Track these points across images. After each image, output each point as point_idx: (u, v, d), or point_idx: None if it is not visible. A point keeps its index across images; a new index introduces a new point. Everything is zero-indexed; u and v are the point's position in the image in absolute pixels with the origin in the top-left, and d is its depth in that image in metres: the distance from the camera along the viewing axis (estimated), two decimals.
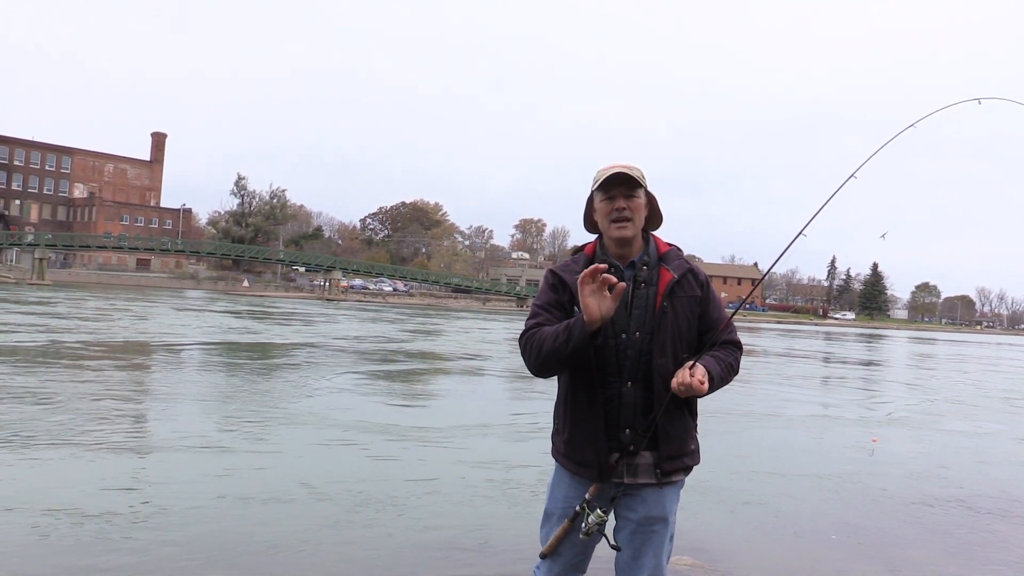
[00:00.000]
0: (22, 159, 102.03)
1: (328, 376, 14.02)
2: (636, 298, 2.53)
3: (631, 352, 2.50)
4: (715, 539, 5.48)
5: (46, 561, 4.38)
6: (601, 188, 2.57)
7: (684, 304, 2.55)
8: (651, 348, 2.49)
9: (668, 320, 2.51)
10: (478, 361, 19.87)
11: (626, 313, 2.51)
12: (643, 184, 2.58)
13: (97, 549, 4.59)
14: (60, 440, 7.44)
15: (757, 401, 13.64)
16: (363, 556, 4.76)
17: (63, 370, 12.70)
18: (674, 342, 2.52)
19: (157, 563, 4.43)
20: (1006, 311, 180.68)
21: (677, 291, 2.54)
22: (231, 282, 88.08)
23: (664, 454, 2.53)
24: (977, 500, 7.15)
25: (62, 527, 4.95)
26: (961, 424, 12.75)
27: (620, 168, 2.54)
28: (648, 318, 2.51)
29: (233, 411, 9.74)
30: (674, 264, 2.59)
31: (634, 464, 2.53)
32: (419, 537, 5.17)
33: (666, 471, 2.54)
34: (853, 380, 21.71)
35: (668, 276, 2.55)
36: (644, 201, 2.59)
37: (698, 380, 2.38)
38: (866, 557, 5.28)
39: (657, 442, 2.52)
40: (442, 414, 10.89)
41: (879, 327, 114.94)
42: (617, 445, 2.53)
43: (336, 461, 7.43)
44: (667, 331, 2.50)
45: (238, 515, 5.46)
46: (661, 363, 2.49)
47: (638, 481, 2.54)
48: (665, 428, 2.52)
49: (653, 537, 2.55)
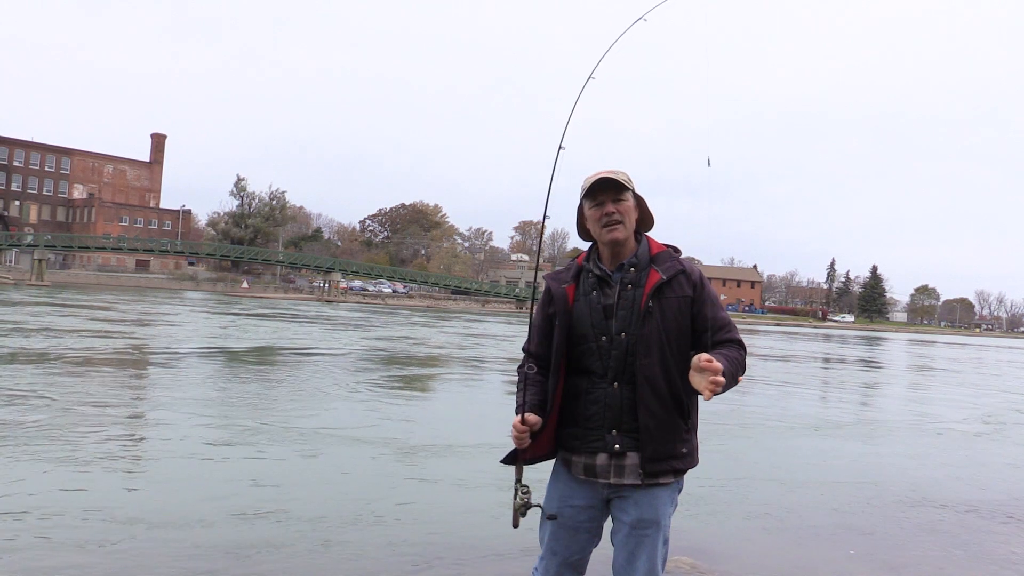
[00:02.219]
0: (22, 160, 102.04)
1: (333, 385, 14.01)
2: (622, 299, 2.55)
3: (616, 353, 2.53)
4: (715, 540, 5.48)
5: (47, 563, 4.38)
6: (588, 195, 2.63)
7: (673, 305, 2.54)
8: (636, 349, 2.51)
9: (654, 321, 2.51)
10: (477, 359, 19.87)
11: (604, 316, 2.55)
12: (630, 187, 2.62)
13: (98, 552, 4.59)
14: (60, 444, 7.43)
15: (759, 405, 13.64)
16: (365, 558, 4.76)
17: (64, 375, 12.68)
18: (661, 343, 2.51)
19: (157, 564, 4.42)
20: (1005, 314, 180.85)
21: (666, 292, 2.54)
22: (230, 283, 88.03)
23: (648, 456, 2.52)
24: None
25: (63, 526, 4.95)
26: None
27: (605, 174, 2.60)
28: (634, 319, 2.52)
29: (232, 419, 9.72)
30: (665, 265, 2.59)
31: (621, 465, 2.54)
32: (420, 538, 5.17)
33: (650, 473, 2.52)
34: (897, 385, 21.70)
35: (656, 277, 2.55)
36: (633, 203, 2.63)
37: (705, 359, 2.32)
38: (867, 559, 5.28)
39: (641, 443, 2.52)
40: (443, 415, 10.89)
41: (878, 330, 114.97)
42: (603, 445, 2.55)
43: (340, 464, 7.43)
44: (652, 332, 2.51)
45: (236, 523, 5.45)
46: (645, 364, 2.50)
47: (624, 482, 2.54)
48: (649, 429, 2.51)
49: (646, 540, 2.54)
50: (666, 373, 2.51)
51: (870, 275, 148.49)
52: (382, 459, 7.57)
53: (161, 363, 15.04)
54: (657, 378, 2.49)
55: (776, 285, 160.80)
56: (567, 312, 2.62)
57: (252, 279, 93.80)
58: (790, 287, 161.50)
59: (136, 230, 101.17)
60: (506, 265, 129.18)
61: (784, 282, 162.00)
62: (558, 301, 2.65)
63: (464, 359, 20.51)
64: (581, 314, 2.60)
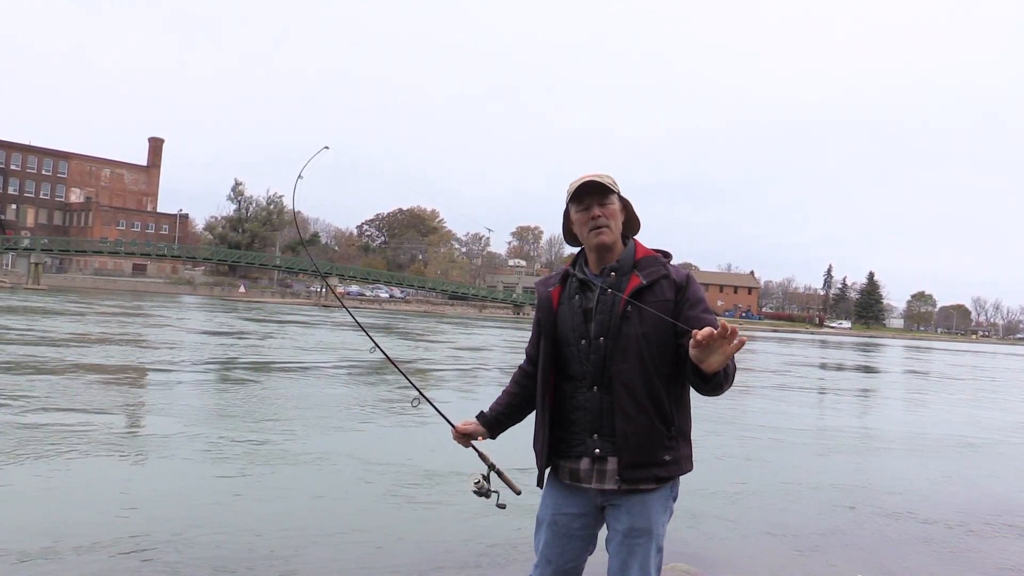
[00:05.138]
0: (19, 163, 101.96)
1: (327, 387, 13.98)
2: (601, 303, 2.55)
3: (594, 357, 2.53)
4: (712, 547, 5.47)
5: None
6: (574, 199, 2.62)
7: (653, 310, 2.52)
8: (613, 354, 2.50)
9: (632, 326, 2.49)
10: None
11: (583, 320, 2.56)
12: (615, 190, 2.61)
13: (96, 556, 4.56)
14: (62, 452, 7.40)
15: (755, 411, 13.64)
16: (368, 560, 4.76)
17: (65, 382, 12.65)
18: (639, 348, 2.49)
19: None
20: (1002, 320, 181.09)
21: (646, 297, 2.51)
22: (227, 287, 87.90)
23: (626, 462, 2.50)
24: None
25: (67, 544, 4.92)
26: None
27: (589, 177, 2.59)
28: (611, 324, 2.52)
29: (231, 430, 9.70)
30: (647, 271, 2.57)
31: (603, 470, 2.54)
32: (419, 547, 5.17)
33: (628, 479, 2.50)
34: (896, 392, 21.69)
35: (636, 282, 2.54)
36: (618, 207, 2.62)
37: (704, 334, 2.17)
38: (865, 567, 5.27)
39: (617, 449, 2.51)
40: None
41: (876, 336, 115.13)
42: (585, 450, 2.55)
43: (343, 469, 7.41)
44: (630, 337, 2.49)
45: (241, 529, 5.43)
46: (623, 369, 2.49)
47: (604, 487, 2.54)
48: (626, 435, 2.49)
49: (638, 549, 2.52)
50: (645, 378, 2.49)
51: (867, 281, 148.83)
52: (388, 456, 7.55)
53: (157, 380, 14.99)
54: (635, 383, 2.48)
55: (773, 291, 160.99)
56: (551, 316, 2.65)
57: (249, 284, 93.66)
58: (787, 293, 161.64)
59: (133, 234, 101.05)
60: (503, 270, 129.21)
61: (781, 288, 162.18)
62: (543, 305, 2.69)
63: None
64: (564, 318, 2.61)
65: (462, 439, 2.81)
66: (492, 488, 2.73)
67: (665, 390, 2.51)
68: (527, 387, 2.79)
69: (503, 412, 2.82)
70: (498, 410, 2.83)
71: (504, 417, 2.82)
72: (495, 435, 2.83)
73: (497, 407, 2.84)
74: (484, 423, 2.82)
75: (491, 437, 2.83)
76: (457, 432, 2.80)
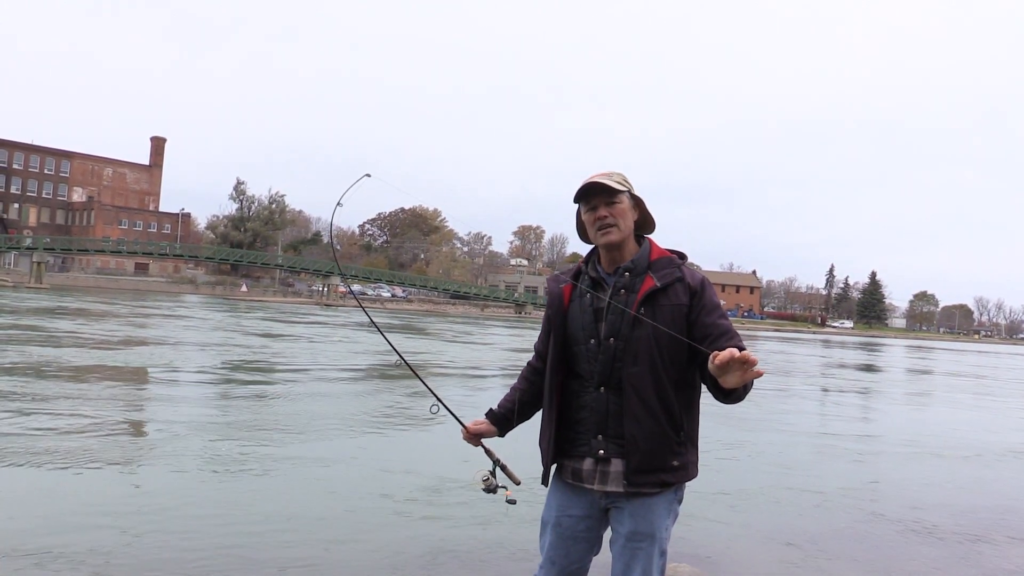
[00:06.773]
0: (21, 162, 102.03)
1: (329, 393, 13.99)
2: (614, 304, 2.52)
3: (603, 358, 2.50)
4: (717, 549, 5.45)
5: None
6: (582, 200, 2.61)
7: (666, 313, 2.47)
8: (624, 355, 2.48)
9: (644, 328, 2.46)
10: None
11: (593, 319, 2.53)
12: (623, 189, 2.57)
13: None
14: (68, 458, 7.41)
15: (761, 414, 13.62)
16: (370, 562, 4.75)
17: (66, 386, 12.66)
18: (651, 352, 2.46)
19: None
20: (1004, 320, 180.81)
21: (659, 299, 2.48)
22: (229, 287, 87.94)
23: (633, 466, 2.47)
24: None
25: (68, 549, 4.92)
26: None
27: (595, 178, 2.57)
28: (623, 325, 2.49)
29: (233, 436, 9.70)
30: (662, 272, 2.53)
31: (606, 471, 2.52)
32: (425, 548, 5.16)
33: (633, 483, 2.48)
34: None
35: (650, 283, 2.50)
36: (627, 206, 2.58)
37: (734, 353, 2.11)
38: (870, 569, 5.26)
39: (626, 452, 2.48)
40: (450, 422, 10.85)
41: (878, 336, 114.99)
42: (588, 450, 2.54)
43: (345, 473, 7.40)
44: (642, 340, 2.46)
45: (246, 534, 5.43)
46: (634, 372, 2.46)
47: (607, 488, 2.52)
48: (635, 439, 2.46)
49: (640, 553, 2.51)
50: (656, 382, 2.46)
51: (869, 281, 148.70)
52: (398, 458, 7.54)
53: (160, 385, 15.00)
54: (646, 387, 2.45)
55: (775, 291, 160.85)
56: (562, 313, 2.63)
57: (251, 283, 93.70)
58: (789, 292, 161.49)
59: (135, 233, 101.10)
60: (505, 270, 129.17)
61: (783, 287, 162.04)
62: (553, 301, 2.67)
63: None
64: (574, 316, 2.59)
65: (472, 439, 2.81)
66: (499, 484, 2.73)
67: (675, 395, 2.49)
68: (536, 383, 2.78)
69: (512, 409, 2.81)
70: (507, 407, 2.82)
71: (513, 414, 2.81)
72: (504, 432, 2.83)
73: (506, 404, 2.83)
74: (493, 420, 2.82)
75: (500, 435, 2.83)
76: (467, 432, 2.80)
